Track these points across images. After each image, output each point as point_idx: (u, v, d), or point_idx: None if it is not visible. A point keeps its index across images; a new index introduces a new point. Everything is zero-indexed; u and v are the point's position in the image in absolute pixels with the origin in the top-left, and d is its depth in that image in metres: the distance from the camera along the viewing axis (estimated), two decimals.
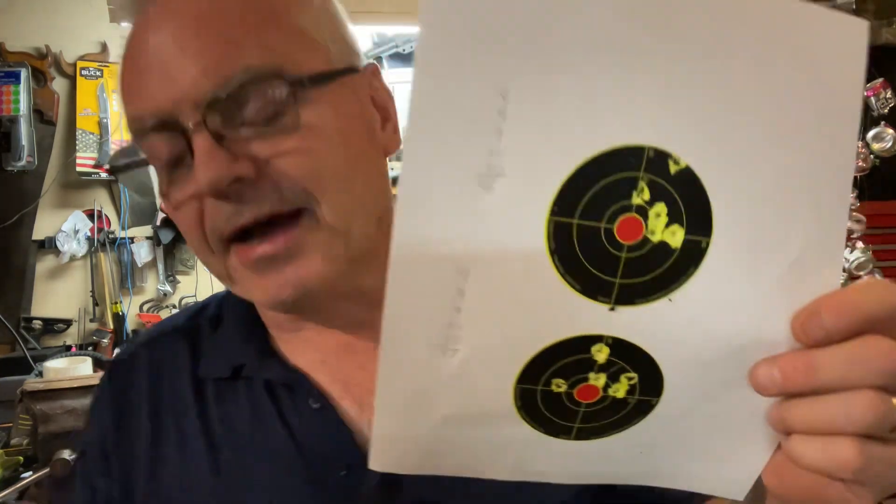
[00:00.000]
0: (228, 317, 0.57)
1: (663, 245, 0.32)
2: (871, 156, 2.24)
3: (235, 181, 0.44)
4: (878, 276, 2.22)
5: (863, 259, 2.22)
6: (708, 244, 0.32)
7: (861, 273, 2.22)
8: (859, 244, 2.23)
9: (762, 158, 0.32)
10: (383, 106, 0.53)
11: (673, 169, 0.31)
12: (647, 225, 0.31)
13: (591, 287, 0.32)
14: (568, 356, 0.33)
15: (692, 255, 0.32)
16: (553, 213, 0.31)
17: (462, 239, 0.31)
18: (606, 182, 0.31)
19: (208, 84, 0.43)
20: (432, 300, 0.31)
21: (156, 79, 0.45)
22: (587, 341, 0.33)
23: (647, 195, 0.31)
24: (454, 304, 0.31)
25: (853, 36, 0.31)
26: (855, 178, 2.26)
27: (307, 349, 0.53)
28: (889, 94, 2.25)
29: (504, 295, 0.32)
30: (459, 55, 0.29)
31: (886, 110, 2.26)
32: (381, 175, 0.52)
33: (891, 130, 2.23)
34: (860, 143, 2.24)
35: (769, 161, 0.32)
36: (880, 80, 2.26)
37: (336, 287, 0.47)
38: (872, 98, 2.27)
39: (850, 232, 2.23)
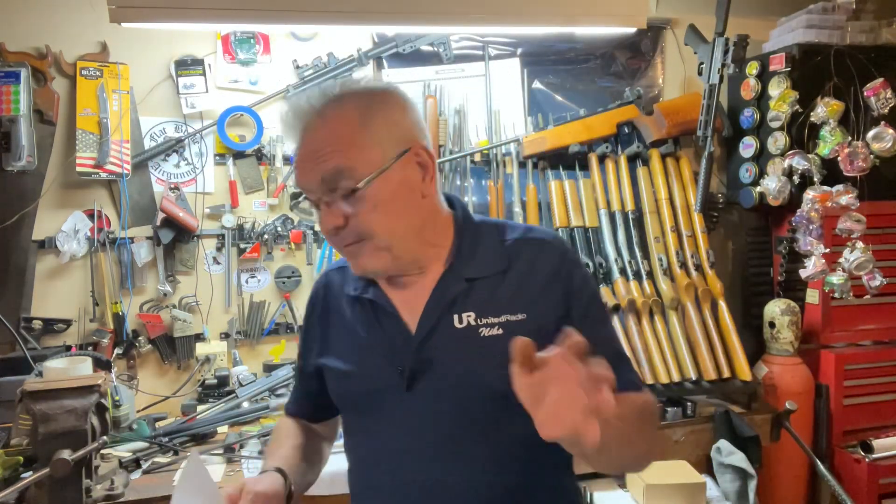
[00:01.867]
0: None
1: None
2: (871, 156, 2.23)
3: (336, 228, 0.95)
4: (877, 276, 2.21)
5: (863, 259, 2.21)
6: None
7: (861, 273, 2.22)
8: (859, 244, 2.22)
9: None
10: (424, 164, 0.98)
11: None
12: None
13: None
14: None
15: None
16: None
17: None
18: None
19: (318, 175, 0.94)
20: None
21: (304, 169, 0.96)
22: None
23: None
24: None
25: None
26: (855, 178, 2.26)
27: (387, 286, 1.05)
28: (889, 94, 2.24)
29: None
30: None
31: (886, 110, 2.25)
32: (419, 210, 0.98)
33: (891, 130, 2.22)
34: (860, 143, 2.23)
35: None
36: (880, 80, 2.25)
37: (388, 270, 1.00)
38: (872, 98, 2.25)
39: (850, 232, 2.22)
